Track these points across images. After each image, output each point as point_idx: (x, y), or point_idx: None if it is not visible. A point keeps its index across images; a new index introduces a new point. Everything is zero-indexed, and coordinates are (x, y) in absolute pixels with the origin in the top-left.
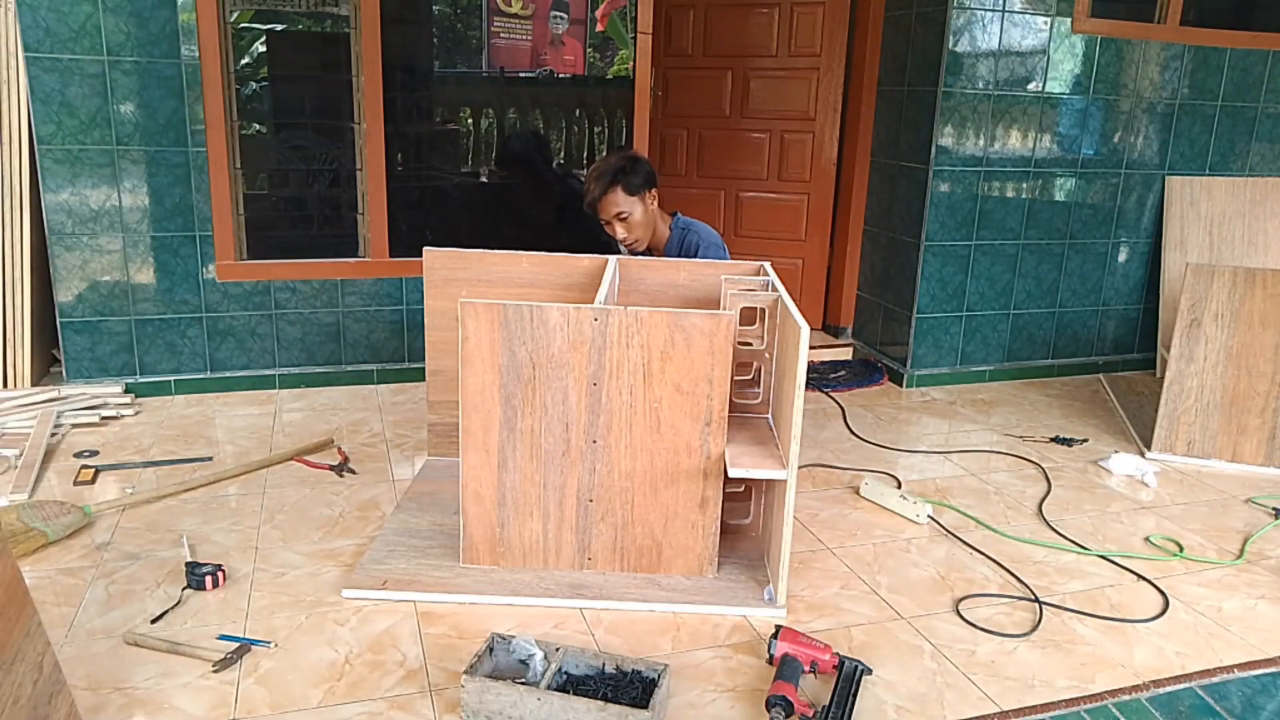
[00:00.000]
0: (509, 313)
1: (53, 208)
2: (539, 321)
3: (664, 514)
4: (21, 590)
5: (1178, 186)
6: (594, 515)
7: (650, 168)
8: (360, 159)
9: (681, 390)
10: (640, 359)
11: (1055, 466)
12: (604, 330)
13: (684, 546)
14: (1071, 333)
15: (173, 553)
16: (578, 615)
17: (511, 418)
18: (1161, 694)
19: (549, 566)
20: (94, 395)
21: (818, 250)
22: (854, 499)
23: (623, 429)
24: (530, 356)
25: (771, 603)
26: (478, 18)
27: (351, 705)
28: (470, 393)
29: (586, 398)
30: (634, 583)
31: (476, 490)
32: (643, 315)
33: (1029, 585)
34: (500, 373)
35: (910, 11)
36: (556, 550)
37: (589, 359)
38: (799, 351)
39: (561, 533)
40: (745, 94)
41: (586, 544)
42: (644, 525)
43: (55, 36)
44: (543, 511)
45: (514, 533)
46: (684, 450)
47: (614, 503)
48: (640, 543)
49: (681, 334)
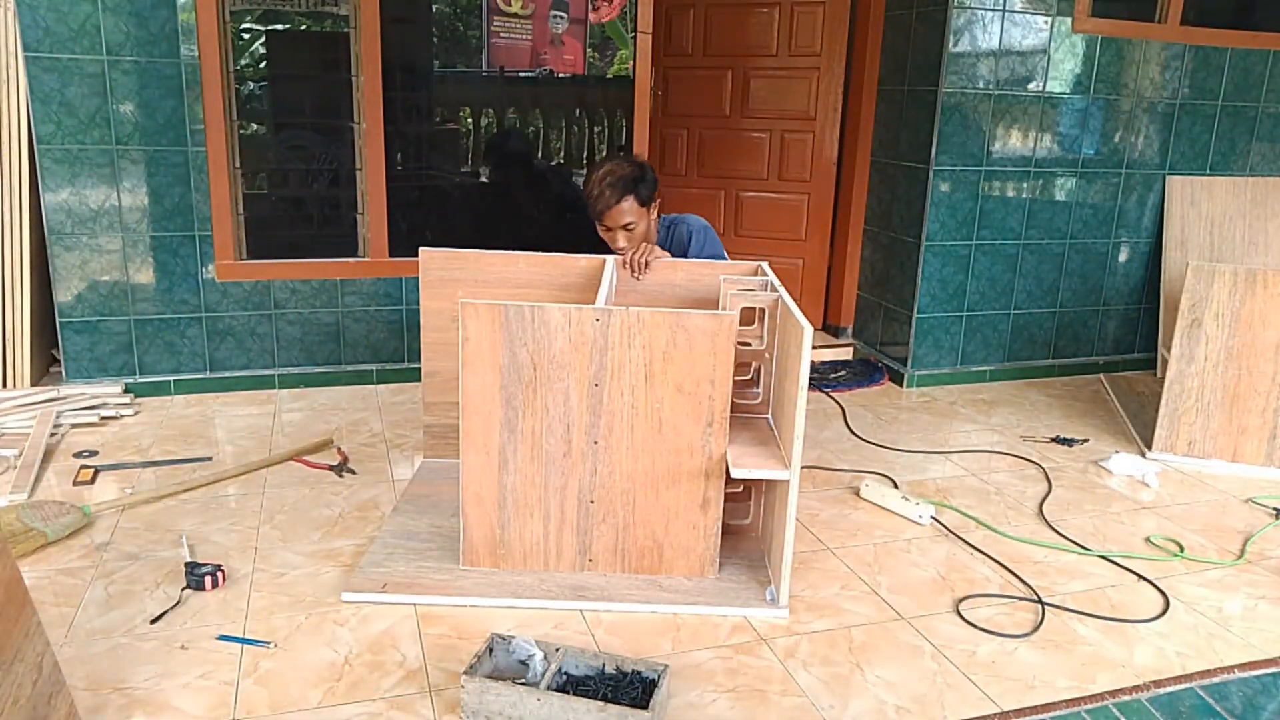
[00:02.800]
0: (510, 313)
1: (52, 207)
2: (540, 322)
3: (665, 515)
4: (21, 590)
5: (1178, 186)
6: (595, 516)
7: (655, 175)
8: (360, 159)
9: (683, 391)
10: (642, 359)
11: (1056, 467)
12: (605, 331)
13: (685, 547)
14: (1072, 333)
15: (172, 553)
16: (578, 616)
17: (512, 419)
18: (1162, 694)
19: (550, 568)
20: (93, 395)
21: (818, 250)
22: (855, 499)
23: (624, 430)
24: (531, 357)
25: (774, 603)
26: (478, 17)
27: (351, 705)
28: (471, 394)
29: (588, 398)
30: (636, 584)
31: (477, 492)
32: (644, 316)
33: (1031, 586)
34: (501, 373)
35: (910, 11)
36: (557, 552)
37: (590, 359)
38: (802, 352)
39: (563, 534)
40: (745, 94)
41: (588, 545)
42: (645, 526)
43: (55, 36)
44: (544, 513)
45: (515, 534)
46: (685, 451)
47: (615, 504)
48: (642, 544)
49: (683, 334)
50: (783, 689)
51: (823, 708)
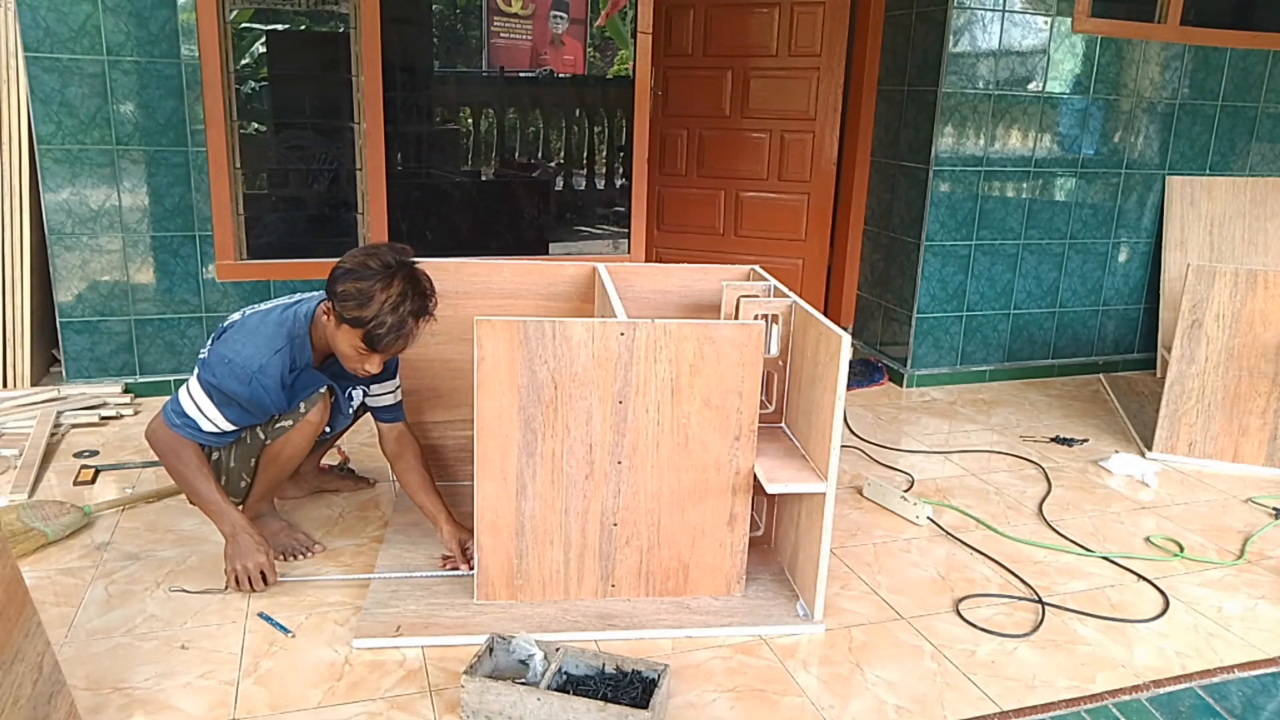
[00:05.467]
0: (529, 329)
1: (52, 207)
2: (561, 337)
3: (691, 534)
4: (21, 590)
5: (1178, 186)
6: (618, 540)
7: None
8: (360, 159)
9: (710, 404)
10: (669, 373)
11: (1055, 467)
12: (631, 345)
13: (711, 566)
14: (1072, 333)
15: (173, 553)
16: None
17: (531, 441)
18: (1162, 694)
19: (570, 596)
20: (94, 395)
21: (818, 250)
22: (855, 499)
23: (649, 448)
24: (552, 375)
25: (807, 618)
26: (478, 17)
27: (351, 705)
28: (486, 417)
29: (611, 416)
30: (663, 608)
31: (493, 521)
32: (672, 328)
33: (1031, 585)
34: (520, 394)
35: (910, 11)
36: (579, 579)
37: (615, 375)
38: (838, 363)
39: (584, 560)
40: (745, 94)
41: (610, 570)
42: (670, 547)
43: (55, 36)
44: (564, 539)
45: (533, 563)
46: (712, 467)
47: (639, 525)
48: (666, 565)
49: (711, 346)
50: (783, 689)
51: (823, 708)
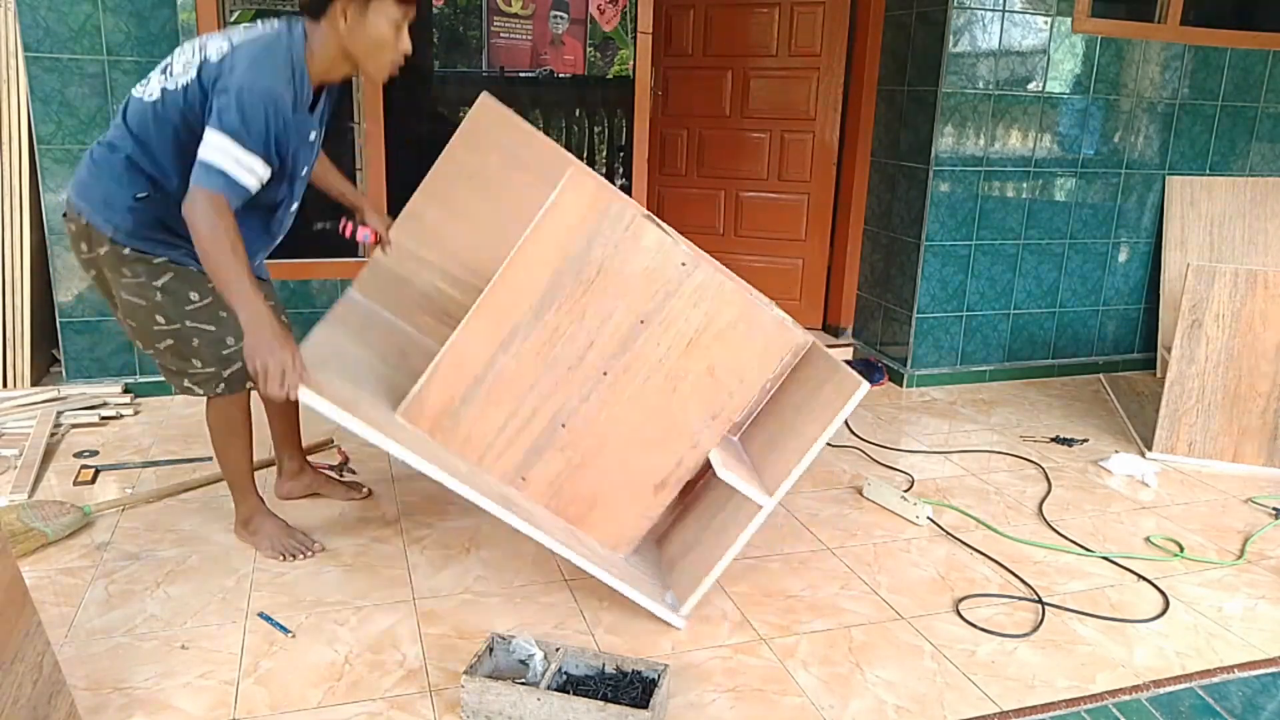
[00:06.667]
0: (613, 207)
1: (53, 208)
2: (634, 232)
3: (620, 476)
4: (21, 590)
5: (1178, 186)
6: (557, 441)
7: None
8: (360, 159)
9: (713, 374)
10: (698, 324)
11: (1055, 467)
12: (682, 279)
13: (617, 516)
14: (1072, 333)
15: (173, 553)
16: (578, 614)
17: (544, 306)
18: (1162, 694)
19: (482, 464)
20: (94, 395)
21: (818, 250)
22: (854, 499)
23: (638, 378)
24: (602, 260)
25: (674, 609)
26: (478, 17)
27: (351, 705)
28: (521, 259)
29: (625, 329)
30: (557, 525)
31: (461, 354)
32: (726, 288)
33: (1031, 585)
34: (564, 259)
35: (910, 11)
36: (499, 454)
37: (652, 296)
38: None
39: (516, 440)
40: (745, 94)
41: (532, 463)
42: (595, 475)
43: (55, 36)
44: (512, 410)
45: (470, 415)
46: (678, 428)
47: (582, 439)
48: (580, 490)
49: (746, 324)
50: (782, 689)
51: (823, 708)
